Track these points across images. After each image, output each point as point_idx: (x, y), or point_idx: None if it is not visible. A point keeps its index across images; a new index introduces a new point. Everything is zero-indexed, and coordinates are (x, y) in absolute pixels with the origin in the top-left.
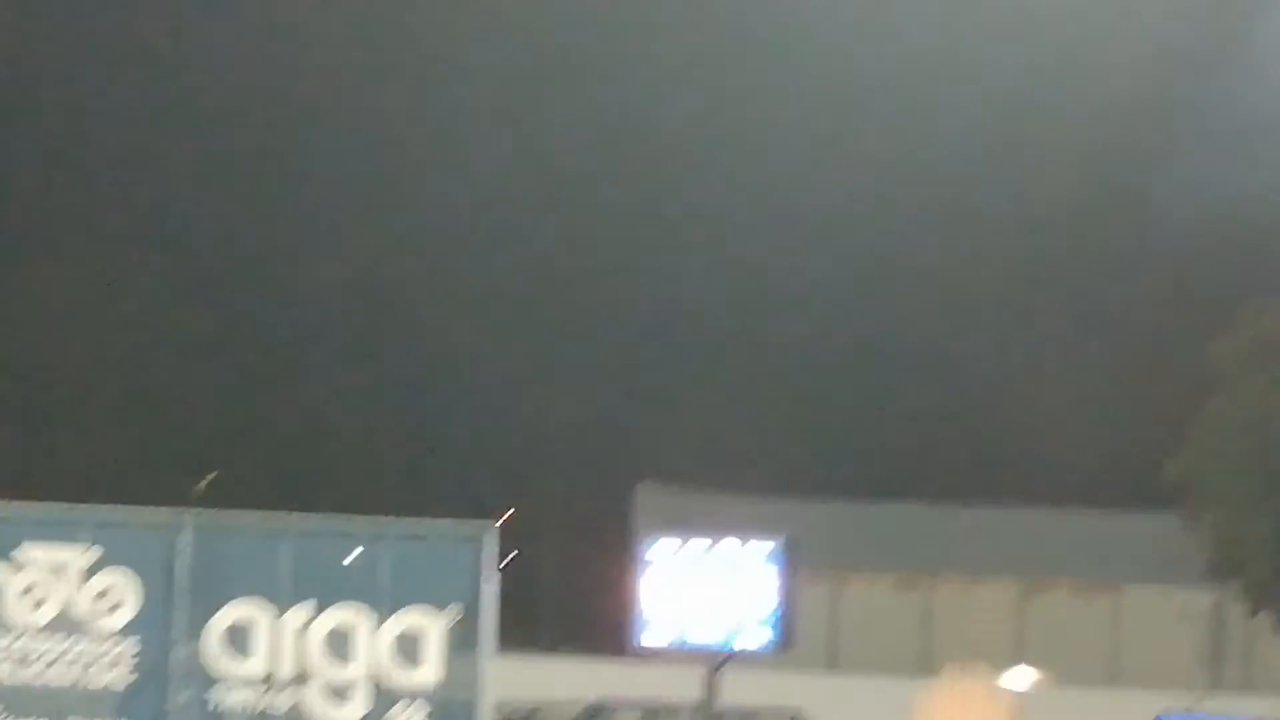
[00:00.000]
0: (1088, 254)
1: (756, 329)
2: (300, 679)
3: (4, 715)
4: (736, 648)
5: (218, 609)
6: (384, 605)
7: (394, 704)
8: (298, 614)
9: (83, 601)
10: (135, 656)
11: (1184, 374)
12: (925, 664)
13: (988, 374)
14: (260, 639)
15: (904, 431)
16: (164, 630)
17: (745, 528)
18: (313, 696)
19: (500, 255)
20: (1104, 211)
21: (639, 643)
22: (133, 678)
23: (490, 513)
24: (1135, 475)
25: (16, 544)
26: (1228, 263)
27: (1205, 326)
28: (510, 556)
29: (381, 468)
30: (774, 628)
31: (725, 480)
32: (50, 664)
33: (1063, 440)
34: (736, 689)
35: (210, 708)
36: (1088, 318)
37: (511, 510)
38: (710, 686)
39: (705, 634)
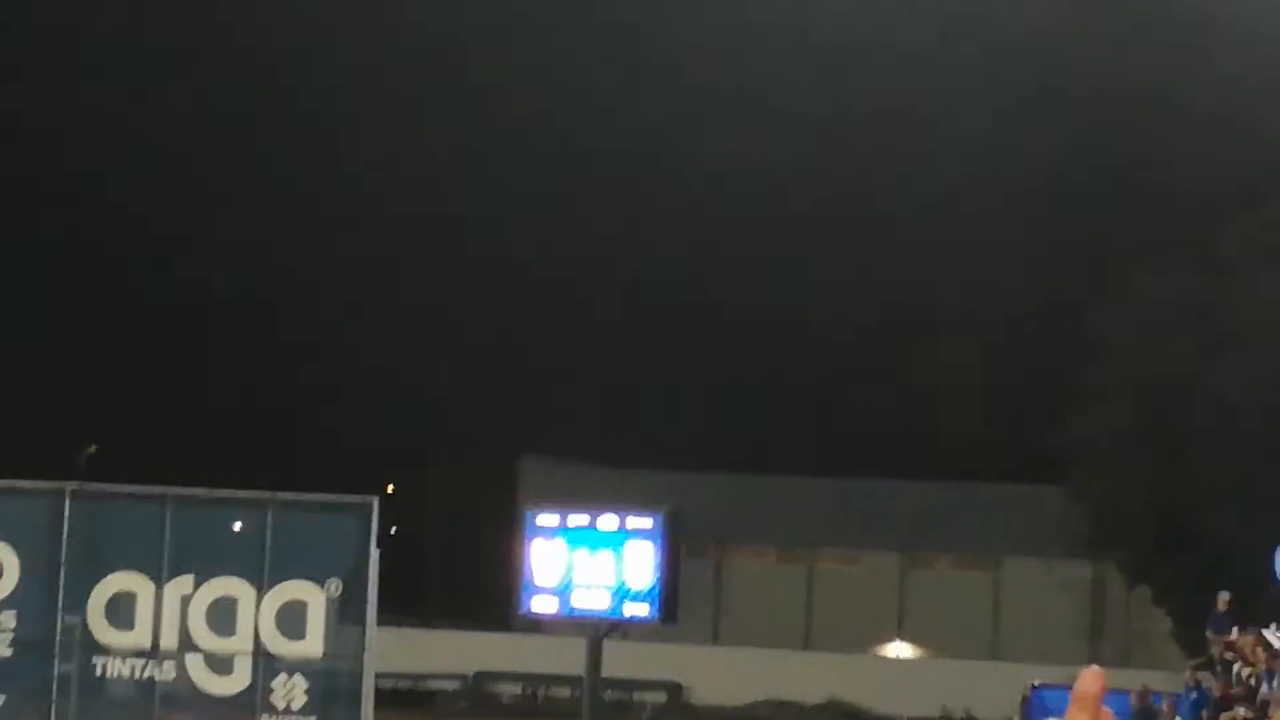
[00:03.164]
0: (964, 222)
1: (637, 302)
2: (183, 650)
3: None
4: (621, 617)
5: (99, 580)
6: (266, 577)
7: (277, 675)
8: (179, 585)
9: None
10: (16, 627)
11: (1064, 343)
12: (807, 637)
13: (869, 346)
14: (142, 610)
15: (784, 405)
16: (46, 601)
17: (627, 501)
18: (196, 667)
19: (383, 228)
20: (981, 174)
21: (525, 609)
22: (14, 648)
23: (373, 486)
24: (1014, 447)
25: None
26: (1105, 228)
27: (1086, 294)
28: (392, 530)
29: (263, 441)
30: (654, 601)
31: (608, 453)
32: None
33: (942, 412)
34: (619, 661)
35: (94, 677)
36: (967, 286)
37: (392, 485)
38: (593, 658)
39: (588, 604)
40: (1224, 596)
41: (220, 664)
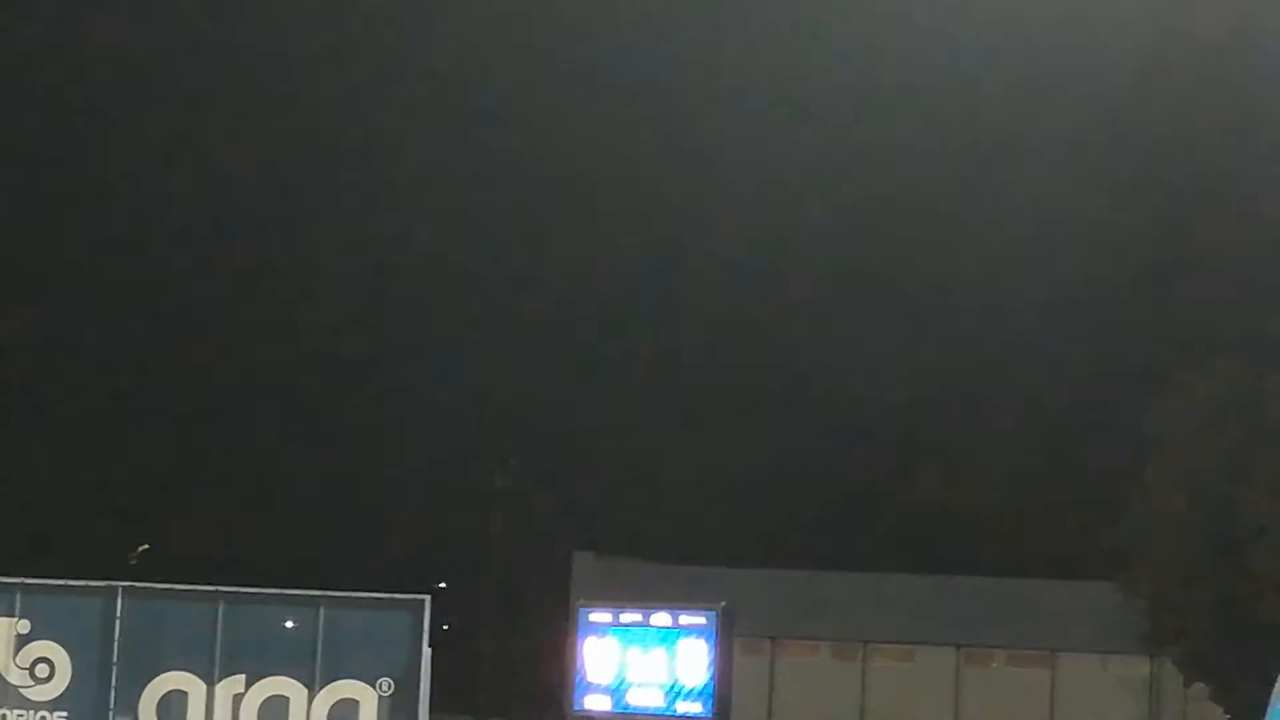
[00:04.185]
0: (1025, 324)
1: (685, 398)
2: None
3: None
4: (675, 714)
5: (150, 680)
6: (317, 676)
7: None
8: (231, 685)
9: (14, 672)
10: None
11: (1122, 439)
12: None
13: (924, 441)
14: (194, 710)
15: (839, 500)
16: (97, 700)
17: (680, 598)
18: None
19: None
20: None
21: (579, 707)
22: None
23: (424, 585)
24: (1070, 542)
25: None
26: (1164, 325)
27: (1144, 391)
28: (444, 626)
29: (314, 540)
30: (707, 700)
31: (660, 549)
32: None
33: (999, 508)
34: None
35: None
36: (1020, 385)
37: (445, 582)
38: None
39: (642, 701)
40: None
41: None
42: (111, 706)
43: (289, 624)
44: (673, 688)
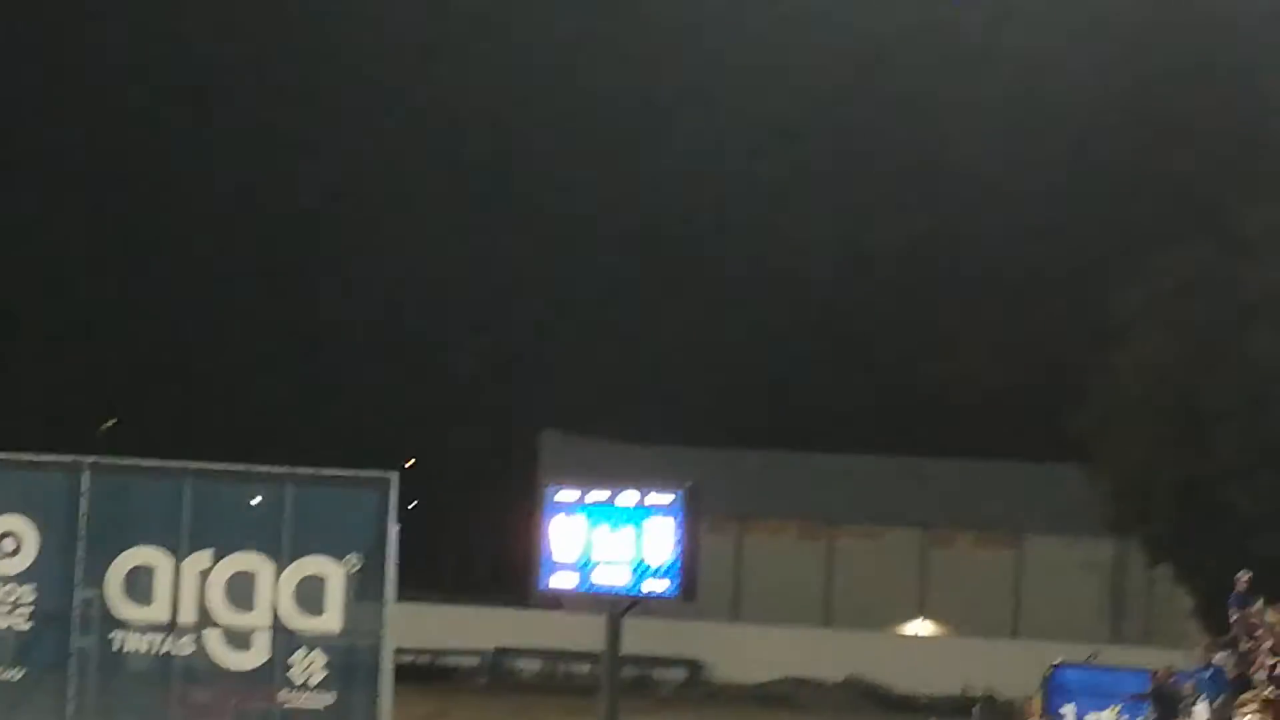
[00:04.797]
0: (993, 206)
1: (657, 275)
2: (201, 624)
3: None
4: (640, 593)
5: (117, 554)
6: (285, 552)
7: (295, 650)
8: (197, 560)
9: None
10: (35, 601)
11: (1088, 324)
12: (827, 614)
13: (893, 323)
14: (161, 585)
15: (807, 381)
16: (64, 574)
17: (647, 477)
18: (214, 642)
19: (408, 202)
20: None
21: (544, 585)
22: (33, 622)
23: (392, 461)
24: (1037, 424)
25: None
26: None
27: (1110, 276)
28: (411, 504)
29: (282, 416)
30: (674, 578)
31: (628, 429)
32: None
33: (967, 391)
34: (638, 638)
35: (112, 652)
36: (993, 267)
37: (413, 459)
38: (612, 635)
39: (608, 580)
40: (1244, 575)
41: (239, 639)
42: (78, 581)
43: (255, 500)
44: (639, 566)
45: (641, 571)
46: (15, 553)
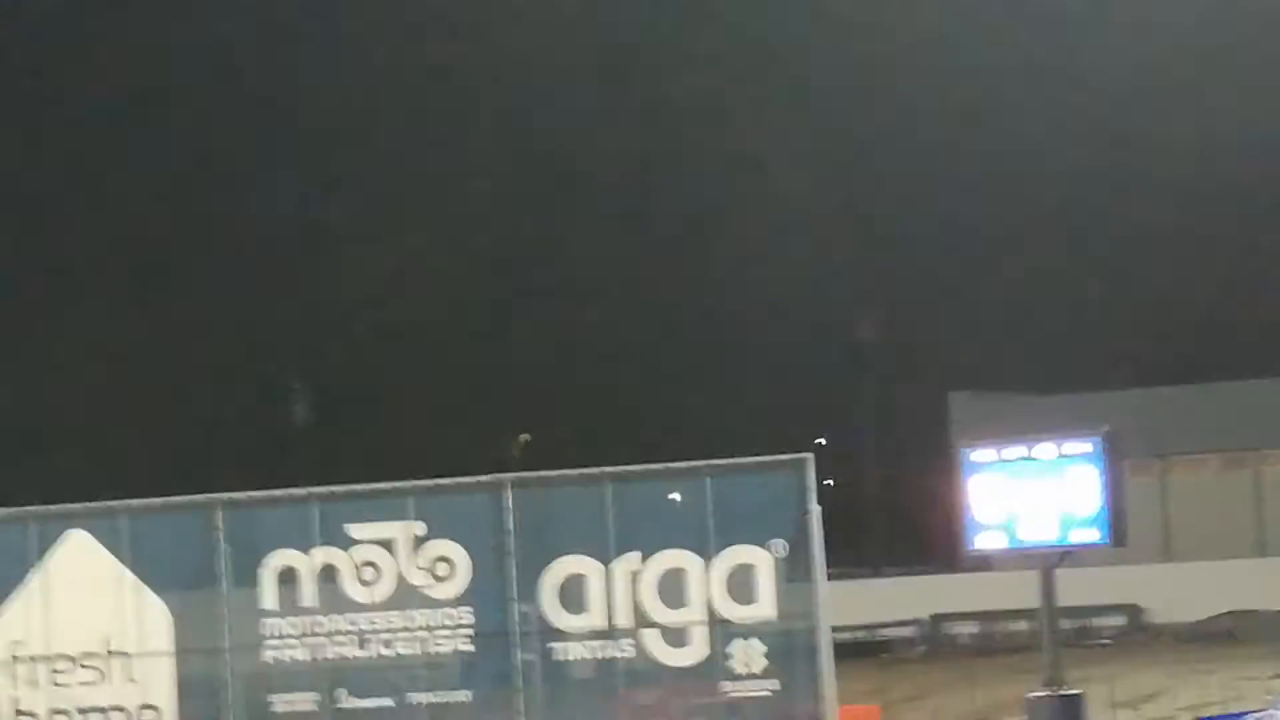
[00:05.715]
0: None
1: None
2: (638, 626)
3: (349, 697)
4: (1069, 544)
5: (547, 566)
6: (711, 545)
7: (733, 641)
8: (626, 563)
9: (416, 574)
10: (474, 622)
11: None
12: (1260, 544)
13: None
14: (594, 591)
15: (1207, 310)
16: (498, 592)
17: (1061, 427)
18: (653, 642)
19: (796, 181)
20: None
21: (971, 547)
22: (474, 643)
23: (801, 443)
24: None
25: (342, 526)
26: None
27: None
28: (827, 482)
29: (682, 405)
30: (1102, 525)
31: (1035, 380)
32: (390, 640)
33: None
34: (1071, 589)
35: (554, 662)
36: None
37: (821, 439)
38: (1046, 589)
39: (1035, 535)
40: None
41: (676, 636)
42: (513, 597)
43: (674, 496)
44: (1065, 517)
45: (1068, 522)
46: (449, 577)
